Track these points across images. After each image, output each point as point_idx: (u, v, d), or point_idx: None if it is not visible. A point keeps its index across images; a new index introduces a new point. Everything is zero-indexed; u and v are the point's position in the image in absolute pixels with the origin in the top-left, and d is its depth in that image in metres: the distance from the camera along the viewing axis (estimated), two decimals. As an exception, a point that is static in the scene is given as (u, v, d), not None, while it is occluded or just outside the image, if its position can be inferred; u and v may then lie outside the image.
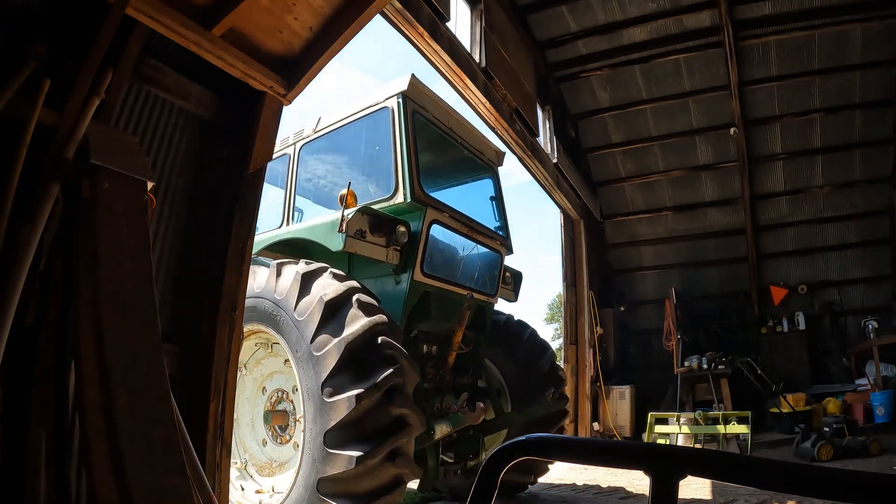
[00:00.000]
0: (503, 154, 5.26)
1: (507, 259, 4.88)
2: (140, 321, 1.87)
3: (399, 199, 3.79)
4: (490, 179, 5.08)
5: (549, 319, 32.12)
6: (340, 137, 4.50)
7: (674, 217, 11.28)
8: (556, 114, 10.01)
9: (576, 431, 9.09)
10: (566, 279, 10.00)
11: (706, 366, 8.80)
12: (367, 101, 4.21)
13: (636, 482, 5.45)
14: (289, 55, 2.86)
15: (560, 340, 10.91)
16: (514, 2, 8.92)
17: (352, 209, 3.55)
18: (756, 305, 10.47)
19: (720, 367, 8.63)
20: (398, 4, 4.89)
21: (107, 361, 1.71)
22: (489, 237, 4.54)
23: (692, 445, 7.22)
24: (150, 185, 2.10)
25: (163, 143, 2.54)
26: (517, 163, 8.23)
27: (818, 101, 9.43)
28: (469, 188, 5.10)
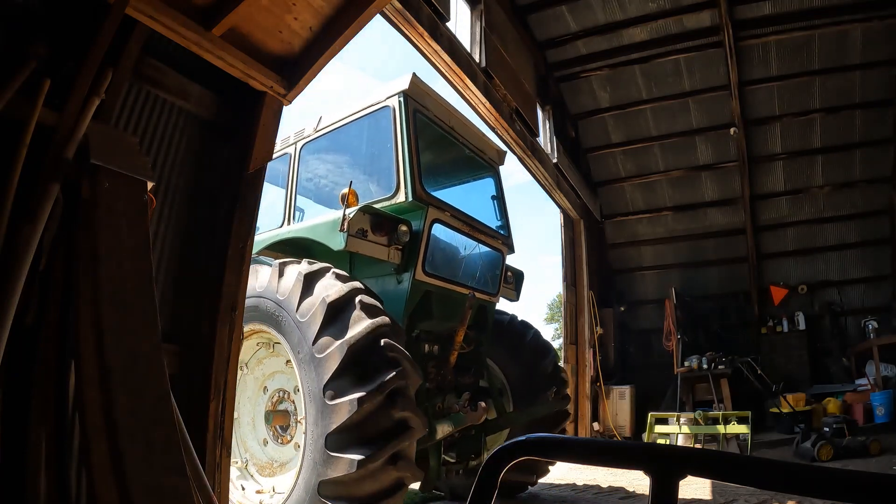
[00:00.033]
0: (504, 153, 5.25)
1: (508, 258, 4.87)
2: (140, 321, 1.87)
3: (400, 199, 3.78)
4: (491, 178, 5.07)
5: (549, 319, 32.16)
6: (341, 137, 4.48)
7: (674, 217, 11.28)
8: (556, 114, 10.00)
9: (576, 431, 9.09)
10: (566, 279, 10.00)
11: (706, 366, 8.79)
12: (369, 101, 4.19)
13: (636, 482, 5.45)
14: (289, 55, 2.86)
15: (560, 340, 10.91)
16: (514, 2, 8.92)
17: (353, 208, 3.53)
18: (756, 305, 10.48)
19: (720, 367, 8.62)
20: (398, 4, 4.89)
21: (107, 361, 1.71)
22: (491, 236, 4.53)
23: (692, 445, 7.22)
24: (150, 185, 2.10)
25: (163, 143, 2.54)
26: (517, 163, 8.23)
27: (818, 101, 9.43)
28: (470, 187, 5.09)
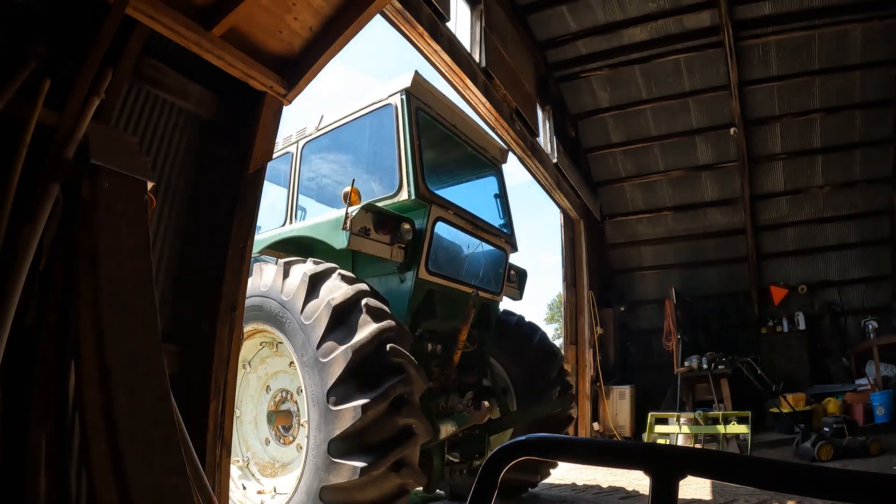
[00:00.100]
0: (507, 151, 5.23)
1: (511, 257, 4.85)
2: (140, 321, 1.87)
3: (403, 197, 3.74)
4: (494, 177, 5.05)
5: (550, 319, 32.13)
6: (343, 135, 4.45)
7: (674, 217, 11.28)
8: (556, 114, 10.00)
9: (576, 431, 9.08)
10: (566, 279, 10.00)
11: (706, 366, 8.79)
12: (371, 99, 4.16)
13: (636, 482, 5.45)
14: (289, 55, 2.86)
15: (560, 340, 10.90)
16: (514, 2, 8.92)
17: (356, 206, 3.50)
18: (756, 305, 10.48)
19: (720, 367, 8.62)
20: (398, 4, 4.89)
21: (107, 361, 1.71)
22: (494, 234, 4.51)
23: (692, 445, 7.22)
24: (150, 185, 2.10)
25: (163, 143, 2.54)
26: (517, 163, 8.23)
27: (818, 101, 9.42)
28: (473, 185, 5.06)
